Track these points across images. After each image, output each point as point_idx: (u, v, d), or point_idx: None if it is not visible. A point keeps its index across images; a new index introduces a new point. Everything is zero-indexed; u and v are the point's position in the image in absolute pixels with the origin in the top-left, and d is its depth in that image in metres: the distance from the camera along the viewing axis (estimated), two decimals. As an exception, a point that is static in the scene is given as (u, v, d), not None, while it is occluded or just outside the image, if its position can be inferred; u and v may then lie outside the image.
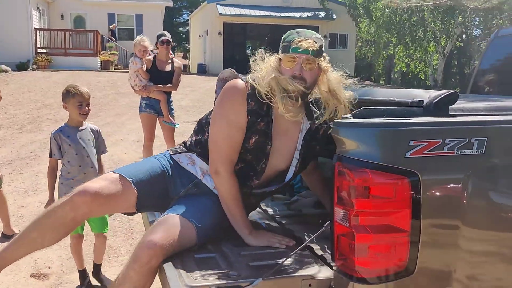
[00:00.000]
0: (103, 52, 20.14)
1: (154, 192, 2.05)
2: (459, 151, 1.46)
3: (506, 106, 1.76)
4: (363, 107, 1.56)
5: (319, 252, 1.83)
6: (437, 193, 1.45)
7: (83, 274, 3.09)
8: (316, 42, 1.92)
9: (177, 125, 5.31)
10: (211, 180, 2.05)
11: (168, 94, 5.20)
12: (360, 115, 1.54)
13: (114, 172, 2.03)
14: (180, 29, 42.40)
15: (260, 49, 2.08)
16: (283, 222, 2.21)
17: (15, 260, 2.05)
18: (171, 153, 2.19)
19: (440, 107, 1.59)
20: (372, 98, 1.95)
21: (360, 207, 1.43)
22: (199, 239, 1.83)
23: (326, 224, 1.59)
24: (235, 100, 1.96)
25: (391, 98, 1.79)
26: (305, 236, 2.01)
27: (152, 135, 5.39)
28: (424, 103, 1.62)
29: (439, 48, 21.09)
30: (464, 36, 22.65)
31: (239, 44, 26.09)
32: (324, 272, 1.63)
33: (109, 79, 15.16)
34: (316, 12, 23.13)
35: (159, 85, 5.05)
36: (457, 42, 21.63)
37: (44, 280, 3.22)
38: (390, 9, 20.67)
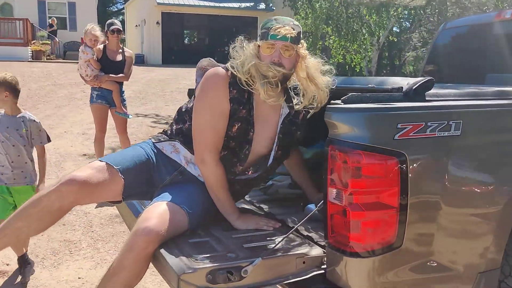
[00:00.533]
0: (34, 41, 19.14)
1: (140, 180, 2.05)
2: (440, 132, 1.59)
3: (474, 92, 1.93)
4: (351, 94, 1.65)
5: (305, 233, 1.91)
6: (422, 172, 1.57)
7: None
8: (294, 29, 1.97)
9: (129, 116, 5.22)
10: (195, 167, 2.08)
11: (120, 84, 5.09)
12: (349, 100, 1.63)
13: (100, 161, 2.01)
14: (114, 18, 41.04)
15: (240, 36, 2.11)
16: (263, 207, 2.28)
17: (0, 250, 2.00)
18: (154, 141, 2.19)
19: (418, 93, 1.72)
20: (352, 86, 2.05)
21: (354, 187, 1.53)
22: (191, 225, 1.86)
23: (319, 204, 1.67)
24: (218, 88, 1.99)
25: (370, 85, 1.90)
26: (288, 218, 2.09)
27: (104, 126, 5.25)
28: (404, 90, 1.74)
29: (374, 40, 21.88)
30: (394, 29, 23.57)
31: (177, 34, 25.70)
32: (316, 250, 1.72)
33: (43, 70, 14.47)
34: (256, 3, 23.23)
35: (111, 75, 4.94)
36: (389, 35, 22.51)
37: (4, 277, 3.11)
38: (327, 1, 21.21)
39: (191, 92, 2.97)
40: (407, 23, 25.32)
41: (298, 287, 1.66)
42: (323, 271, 1.67)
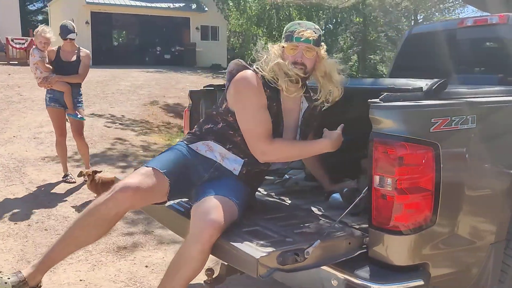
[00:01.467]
0: (-50, 41, 17.81)
1: (182, 180, 2.18)
2: (461, 126, 1.87)
3: (483, 91, 2.24)
4: (386, 93, 1.89)
5: (336, 219, 2.13)
6: (449, 159, 1.84)
7: None
8: (315, 33, 2.21)
9: (83, 118, 5.09)
10: (229, 162, 2.23)
11: (76, 85, 4.99)
12: (385, 99, 1.87)
13: (147, 166, 2.11)
14: (33, 17, 38.91)
15: (259, 41, 2.36)
16: (284, 198, 2.47)
17: (61, 259, 2.13)
18: (187, 142, 2.31)
19: (436, 92, 1.99)
20: (375, 86, 2.30)
21: (398, 174, 1.76)
22: (239, 215, 2.01)
23: (364, 190, 1.89)
24: (254, 87, 2.18)
25: (390, 86, 2.16)
26: (312, 207, 2.30)
27: (63, 130, 5.15)
28: (424, 89, 2.01)
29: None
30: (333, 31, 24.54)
31: (107, 34, 25.02)
32: (356, 232, 1.94)
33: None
34: (188, 4, 23.16)
35: (62, 76, 4.85)
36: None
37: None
38: (257, 4, 21.70)
39: (192, 94, 3.09)
40: (330, 25, 26.35)
41: (343, 266, 1.87)
42: (365, 250, 1.89)
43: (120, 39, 29.16)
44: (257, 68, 2.23)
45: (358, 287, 1.81)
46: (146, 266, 3.33)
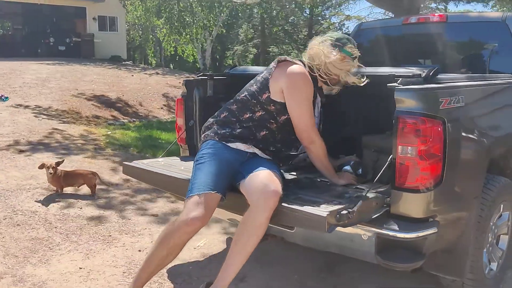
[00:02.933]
0: None
1: (227, 180, 2.42)
2: (456, 104, 2.35)
3: (466, 76, 2.75)
4: (401, 79, 2.30)
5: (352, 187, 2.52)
6: (451, 131, 2.30)
7: None
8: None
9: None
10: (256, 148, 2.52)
11: None
12: (402, 83, 2.28)
13: (199, 193, 2.29)
14: None
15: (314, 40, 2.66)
16: (294, 173, 2.80)
17: (149, 279, 2.47)
18: (225, 142, 2.50)
19: (433, 77, 2.45)
20: (375, 73, 2.68)
21: (419, 143, 2.18)
22: (282, 185, 2.30)
23: (390, 157, 2.27)
24: (310, 83, 2.50)
25: (391, 73, 2.58)
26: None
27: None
28: (423, 76, 2.45)
29: (206, 34, 22.87)
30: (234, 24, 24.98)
31: (-10, 24, 22.90)
32: (379, 195, 2.33)
33: None
34: (84, -7, 22.08)
35: None
36: (221, 29, 23.78)
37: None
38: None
39: (187, 83, 3.27)
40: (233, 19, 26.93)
41: (369, 223, 2.26)
42: (388, 208, 2.29)
43: (5, 29, 26.85)
44: (308, 64, 2.55)
45: (388, 237, 2.21)
46: (140, 251, 3.45)
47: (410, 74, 2.49)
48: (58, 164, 4.39)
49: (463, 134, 2.43)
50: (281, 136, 2.55)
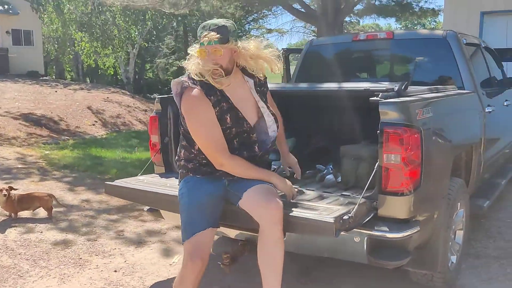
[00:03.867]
0: None
1: (215, 210, 2.47)
2: (427, 114, 2.63)
3: (429, 88, 3.03)
4: (381, 93, 2.53)
5: (336, 194, 2.71)
6: (425, 139, 2.56)
7: None
8: (219, 32, 2.31)
9: None
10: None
11: None
12: (383, 97, 2.51)
13: (193, 234, 2.34)
14: None
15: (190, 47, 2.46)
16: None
17: None
18: (199, 176, 2.49)
19: (404, 91, 2.72)
20: (352, 88, 2.90)
21: (402, 151, 2.42)
22: None
23: (375, 166, 2.47)
24: (200, 105, 2.36)
25: (365, 88, 2.81)
26: (307, 187, 2.83)
27: None
28: (395, 90, 2.71)
29: (129, 47, 22.43)
30: (152, 37, 24.60)
31: None
32: (368, 200, 2.53)
33: None
34: (-5, 5, 20.79)
35: None
36: (144, 43, 23.40)
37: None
38: (78, 7, 20.73)
39: (162, 100, 3.30)
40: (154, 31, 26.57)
41: (362, 226, 2.45)
42: (376, 211, 2.50)
43: None
44: (192, 79, 2.37)
45: (379, 238, 2.42)
46: (115, 271, 3.40)
47: (384, 88, 2.74)
48: (11, 188, 4.18)
49: (433, 141, 2.71)
50: (242, 154, 2.48)
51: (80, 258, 3.59)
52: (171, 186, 2.90)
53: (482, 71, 4.27)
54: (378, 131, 2.45)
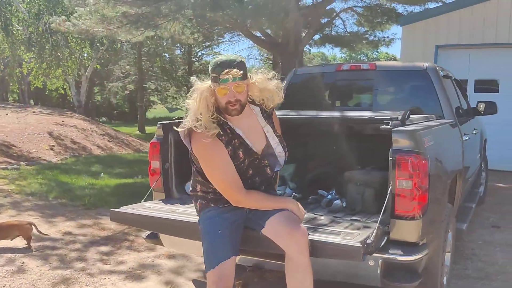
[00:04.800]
0: None
1: (237, 238, 2.48)
2: (431, 142, 2.79)
3: (426, 117, 3.21)
4: (391, 122, 2.67)
5: (343, 219, 2.80)
6: (430, 166, 2.71)
7: None
8: (239, 68, 2.33)
9: None
10: None
11: None
12: (393, 125, 2.65)
13: (217, 264, 2.35)
14: None
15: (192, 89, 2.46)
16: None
17: None
18: (220, 206, 2.51)
19: (406, 120, 2.88)
20: (358, 117, 3.02)
21: (413, 177, 2.55)
22: None
23: (388, 192, 2.59)
24: (213, 148, 2.40)
25: (371, 117, 2.95)
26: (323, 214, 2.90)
27: None
28: (400, 119, 2.86)
29: (81, 70, 21.91)
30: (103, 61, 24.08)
31: None
32: (381, 225, 2.63)
33: None
34: None
35: None
36: (97, 65, 22.92)
37: None
38: (28, 29, 20.12)
39: (164, 126, 3.30)
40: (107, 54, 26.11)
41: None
42: (388, 235, 2.60)
43: None
44: (197, 119, 2.37)
45: (393, 261, 2.52)
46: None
47: (389, 117, 2.89)
48: (-11, 216, 3.98)
49: (436, 167, 2.87)
50: (255, 180, 2.56)
51: (73, 290, 3.45)
52: (179, 212, 2.89)
53: (454, 101, 4.57)
54: (390, 158, 2.57)
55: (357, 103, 4.70)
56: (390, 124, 2.68)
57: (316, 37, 13.33)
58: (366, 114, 3.11)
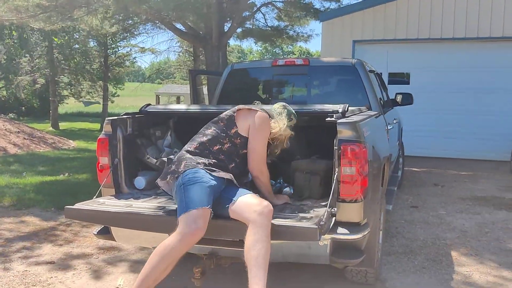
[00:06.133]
0: None
1: (214, 201, 2.70)
2: (368, 132, 3.09)
3: (358, 109, 3.49)
4: (335, 114, 2.93)
5: (295, 205, 3.02)
6: (369, 154, 3.00)
7: None
8: None
9: None
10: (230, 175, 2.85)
11: None
12: (337, 117, 2.91)
13: (196, 208, 2.55)
14: None
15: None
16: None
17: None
18: (208, 171, 2.78)
19: (346, 113, 3.15)
20: (299, 110, 3.23)
21: (356, 164, 2.83)
22: None
23: (334, 178, 2.83)
24: (270, 129, 3.04)
25: (313, 109, 3.19)
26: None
27: None
28: (340, 111, 3.13)
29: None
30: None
31: None
32: (328, 208, 2.88)
33: None
34: None
35: None
36: (3, 57, 21.45)
37: None
38: None
39: (113, 122, 3.32)
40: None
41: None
42: (335, 217, 2.86)
43: None
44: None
45: (341, 240, 2.78)
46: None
47: (330, 110, 3.15)
48: None
49: (372, 155, 3.17)
50: (241, 167, 2.95)
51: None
52: (137, 206, 2.95)
53: (378, 94, 4.98)
54: (335, 147, 2.83)
55: (293, 97, 4.95)
56: (334, 116, 2.93)
57: (238, 30, 13.52)
58: (310, 107, 3.35)
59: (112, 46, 24.51)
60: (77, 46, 23.55)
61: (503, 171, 8.75)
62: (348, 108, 3.19)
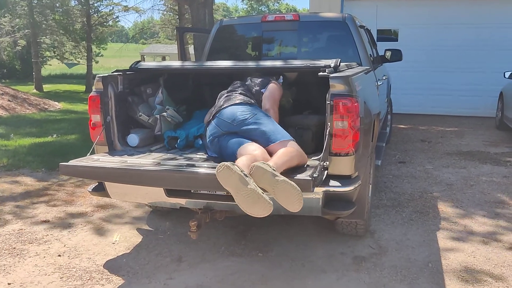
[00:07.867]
0: None
1: None
2: (360, 86, 3.11)
3: (347, 64, 3.50)
4: (327, 69, 2.93)
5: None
6: (361, 108, 3.03)
7: None
8: None
9: None
10: None
11: None
12: (329, 72, 2.92)
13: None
14: None
15: None
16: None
17: None
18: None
19: (338, 67, 3.16)
20: (291, 65, 3.23)
21: (348, 118, 2.86)
22: None
23: (326, 133, 2.87)
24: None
25: (306, 64, 3.19)
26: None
27: None
28: (332, 66, 3.13)
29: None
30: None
31: None
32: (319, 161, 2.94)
33: None
34: None
35: None
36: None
37: None
38: None
39: (104, 79, 3.29)
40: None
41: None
42: (327, 170, 2.92)
43: None
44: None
45: (333, 193, 2.85)
46: (59, 255, 3.35)
47: (323, 65, 3.15)
48: None
49: (364, 109, 3.20)
50: None
51: (14, 248, 3.42)
52: (132, 162, 2.97)
53: (368, 50, 4.97)
54: (328, 102, 2.85)
55: (283, 53, 4.92)
56: (326, 71, 2.94)
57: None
58: (301, 62, 3.34)
59: (95, 4, 23.86)
60: (57, 4, 22.86)
61: (489, 126, 8.90)
62: (340, 62, 3.19)
